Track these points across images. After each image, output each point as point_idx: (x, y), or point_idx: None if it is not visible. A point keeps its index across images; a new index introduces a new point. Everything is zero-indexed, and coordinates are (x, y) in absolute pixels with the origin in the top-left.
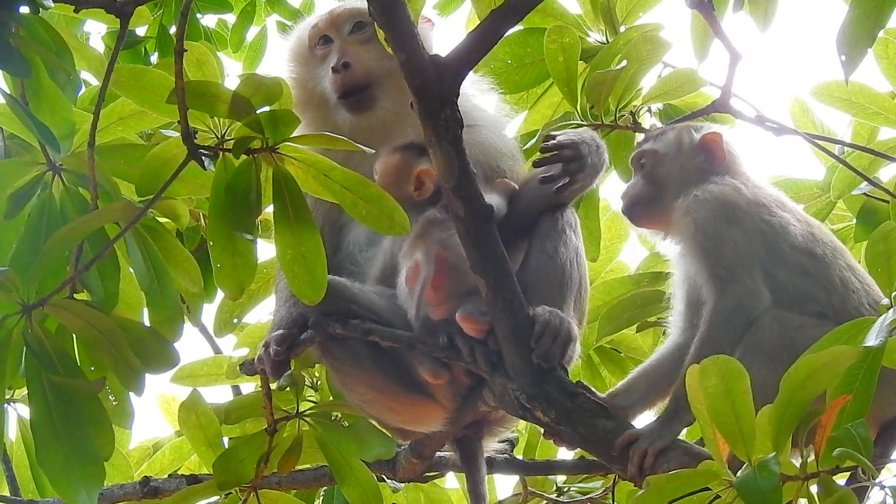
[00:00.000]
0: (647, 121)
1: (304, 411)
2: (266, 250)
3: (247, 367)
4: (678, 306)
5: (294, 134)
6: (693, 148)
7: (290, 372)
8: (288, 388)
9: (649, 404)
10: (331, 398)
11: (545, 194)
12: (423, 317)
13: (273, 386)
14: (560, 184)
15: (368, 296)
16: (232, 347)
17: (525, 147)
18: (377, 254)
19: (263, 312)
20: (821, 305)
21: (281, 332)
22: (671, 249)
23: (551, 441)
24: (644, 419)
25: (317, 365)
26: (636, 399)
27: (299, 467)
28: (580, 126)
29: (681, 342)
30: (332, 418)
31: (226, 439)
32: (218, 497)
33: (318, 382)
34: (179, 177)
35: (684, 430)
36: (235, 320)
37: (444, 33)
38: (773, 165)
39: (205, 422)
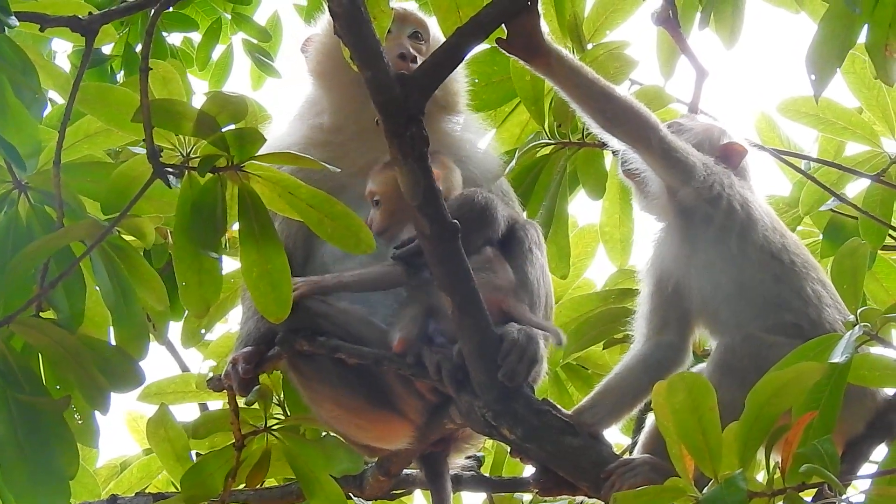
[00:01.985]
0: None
1: (272, 426)
2: (231, 262)
3: (214, 383)
4: (644, 307)
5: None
6: (715, 146)
7: (257, 387)
8: (256, 404)
9: (615, 419)
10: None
11: None
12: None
13: (241, 402)
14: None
15: (337, 310)
16: (200, 361)
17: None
18: (351, 266)
19: (230, 322)
20: (796, 315)
21: (249, 349)
22: (648, 233)
23: (518, 459)
24: (611, 434)
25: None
26: (602, 415)
27: (267, 485)
28: (549, 144)
29: (645, 352)
30: (300, 433)
31: (194, 454)
32: None
33: (282, 398)
34: (145, 195)
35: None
36: (203, 331)
37: None
38: None
39: (173, 436)
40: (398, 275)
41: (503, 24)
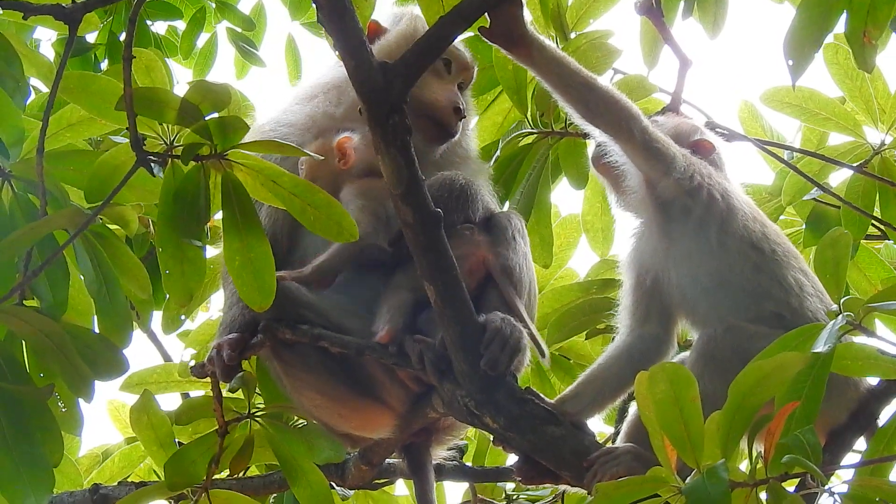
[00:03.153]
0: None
1: (256, 412)
2: (211, 248)
3: (197, 370)
4: (626, 300)
5: None
6: (685, 143)
7: (241, 374)
8: (239, 390)
9: (598, 409)
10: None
11: None
12: None
13: (224, 389)
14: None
15: (319, 300)
16: (182, 349)
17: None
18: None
19: (211, 310)
20: (777, 304)
21: (233, 336)
22: (628, 225)
23: (501, 448)
24: (593, 423)
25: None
26: (585, 404)
27: (249, 474)
28: (531, 133)
29: (629, 343)
30: (283, 420)
31: (177, 442)
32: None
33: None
34: (128, 183)
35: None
36: (183, 317)
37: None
38: None
39: (156, 422)
40: (375, 250)
41: (486, 14)
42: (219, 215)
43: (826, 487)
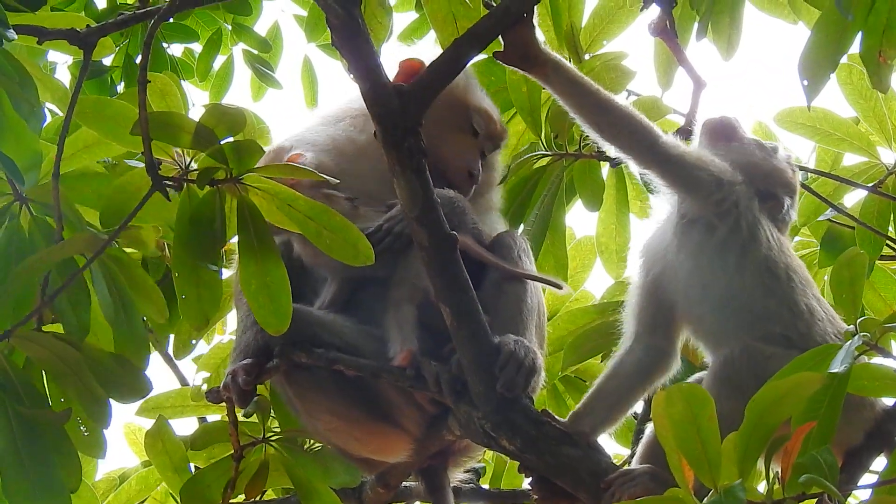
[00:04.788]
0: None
1: (271, 436)
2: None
3: (213, 395)
4: (632, 298)
5: None
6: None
7: (256, 398)
8: (254, 415)
9: (611, 424)
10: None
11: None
12: None
13: (239, 414)
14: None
15: (334, 321)
16: (194, 373)
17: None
18: (348, 275)
19: (224, 333)
20: (785, 327)
21: (248, 361)
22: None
23: (523, 474)
24: (609, 445)
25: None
26: (599, 422)
27: (265, 499)
28: (545, 156)
29: (637, 357)
30: (298, 444)
31: (192, 467)
32: None
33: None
34: (144, 208)
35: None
36: (193, 341)
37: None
38: None
39: (171, 448)
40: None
41: (500, 37)
42: (234, 239)
43: None
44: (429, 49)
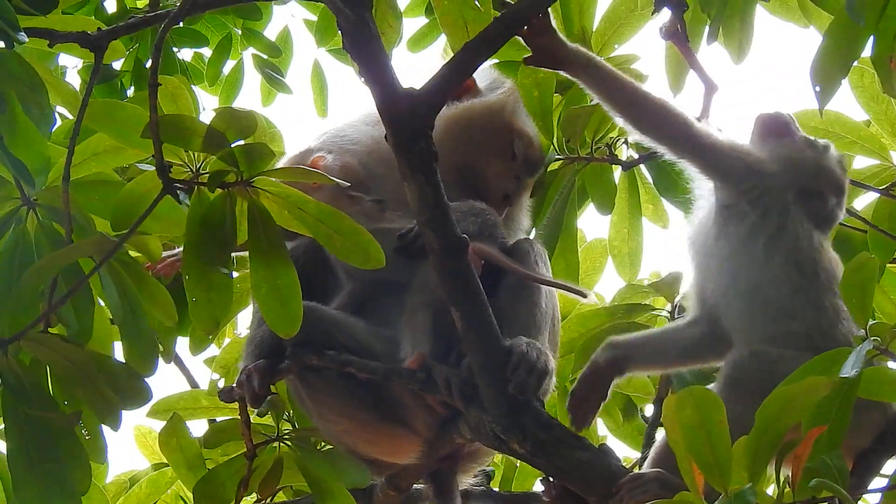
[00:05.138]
0: (623, 152)
1: (284, 435)
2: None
3: (225, 395)
4: (690, 277)
5: None
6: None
7: (270, 397)
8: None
9: (640, 368)
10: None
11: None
12: None
13: (253, 414)
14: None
15: (346, 322)
16: (209, 374)
17: None
18: (361, 276)
19: (237, 329)
20: (807, 325)
21: (262, 363)
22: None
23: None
24: (620, 448)
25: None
26: (632, 358)
27: (278, 498)
28: (557, 160)
29: (697, 333)
30: (312, 442)
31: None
32: None
33: (291, 414)
34: (154, 212)
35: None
36: (210, 336)
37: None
38: None
39: (185, 445)
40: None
41: (526, 43)
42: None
43: None
44: (436, 53)
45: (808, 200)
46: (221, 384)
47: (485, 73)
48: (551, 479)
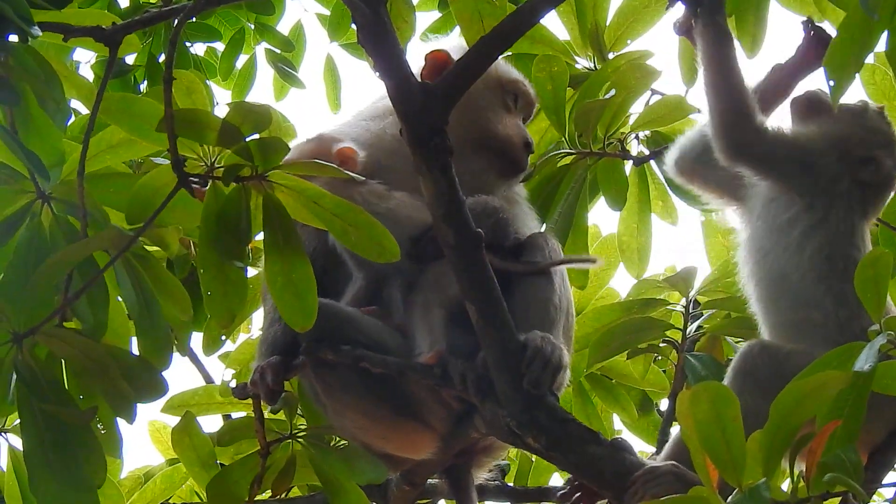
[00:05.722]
0: (634, 148)
1: (297, 432)
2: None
3: (238, 392)
4: None
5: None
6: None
7: (284, 395)
8: (282, 410)
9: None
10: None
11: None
12: None
13: (266, 410)
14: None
15: (359, 318)
16: (223, 370)
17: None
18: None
19: (251, 329)
20: (825, 316)
21: (276, 359)
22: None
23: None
24: (635, 442)
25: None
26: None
27: (291, 495)
28: (569, 154)
29: None
30: (325, 440)
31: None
32: None
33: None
34: (169, 205)
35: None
36: (223, 337)
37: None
38: None
39: (198, 443)
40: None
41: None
42: (260, 236)
43: None
44: (452, 41)
45: (863, 167)
46: (233, 384)
47: (452, 42)
48: (576, 482)
